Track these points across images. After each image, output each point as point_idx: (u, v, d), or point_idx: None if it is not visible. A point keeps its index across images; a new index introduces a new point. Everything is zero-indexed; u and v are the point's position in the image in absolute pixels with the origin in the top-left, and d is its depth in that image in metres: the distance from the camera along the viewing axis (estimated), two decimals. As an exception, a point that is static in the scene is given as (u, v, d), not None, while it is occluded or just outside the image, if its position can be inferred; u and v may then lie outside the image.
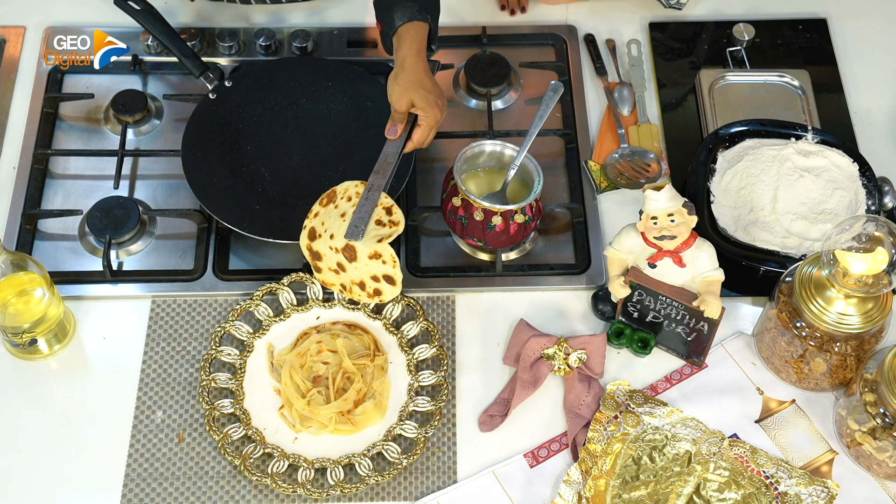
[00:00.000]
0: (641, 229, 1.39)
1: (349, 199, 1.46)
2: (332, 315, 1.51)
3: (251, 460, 1.38)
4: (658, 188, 1.37)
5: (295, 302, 1.51)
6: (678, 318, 1.43)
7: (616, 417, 1.41)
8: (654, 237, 1.38)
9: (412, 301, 1.50)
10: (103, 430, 1.42)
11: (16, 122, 1.70)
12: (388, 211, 1.44)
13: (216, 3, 1.82)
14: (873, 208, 1.55)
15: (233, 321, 1.49)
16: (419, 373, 1.45)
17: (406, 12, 1.48)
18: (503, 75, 1.75)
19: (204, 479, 1.39)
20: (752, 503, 1.35)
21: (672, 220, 1.36)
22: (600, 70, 1.78)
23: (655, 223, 1.37)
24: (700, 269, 1.40)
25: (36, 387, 1.46)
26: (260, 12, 1.82)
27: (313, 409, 1.40)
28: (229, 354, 1.47)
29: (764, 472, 1.38)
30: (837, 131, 1.67)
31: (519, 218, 1.48)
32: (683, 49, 1.82)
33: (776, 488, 1.36)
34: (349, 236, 1.42)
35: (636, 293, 1.44)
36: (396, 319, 1.50)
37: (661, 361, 1.49)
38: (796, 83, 1.75)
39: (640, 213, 1.39)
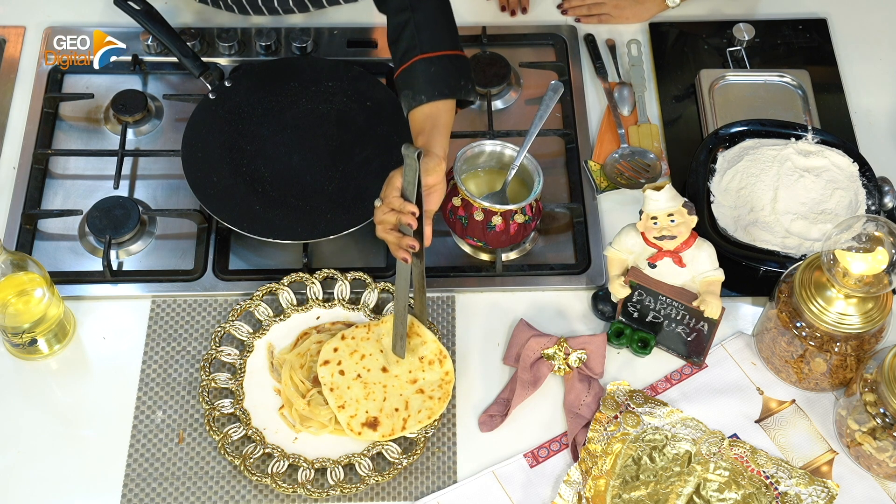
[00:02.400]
0: (641, 229, 1.39)
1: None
2: (332, 315, 1.51)
3: (251, 460, 1.38)
4: (658, 188, 1.37)
5: (295, 302, 1.51)
6: (678, 318, 1.43)
7: (616, 417, 1.41)
8: (654, 237, 1.38)
9: (412, 301, 1.50)
10: (103, 430, 1.42)
11: (16, 122, 1.70)
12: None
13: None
14: (873, 208, 1.55)
15: (233, 321, 1.49)
16: (419, 373, 1.46)
17: (404, 103, 1.46)
18: (503, 75, 1.75)
19: (204, 479, 1.39)
20: (752, 503, 1.35)
21: (672, 220, 1.36)
22: (600, 70, 1.78)
23: (655, 223, 1.37)
24: (700, 269, 1.40)
25: (36, 387, 1.46)
26: (259, 20, 1.82)
27: (313, 408, 1.40)
28: (229, 354, 1.47)
29: (764, 472, 1.38)
30: (837, 131, 1.67)
31: (519, 218, 1.48)
32: (683, 49, 1.82)
33: (776, 488, 1.36)
34: (396, 352, 1.43)
35: (636, 293, 1.44)
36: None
37: (661, 361, 1.49)
38: (796, 83, 1.75)
39: (640, 213, 1.39)
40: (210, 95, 1.66)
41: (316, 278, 1.51)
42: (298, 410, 1.40)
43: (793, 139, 1.62)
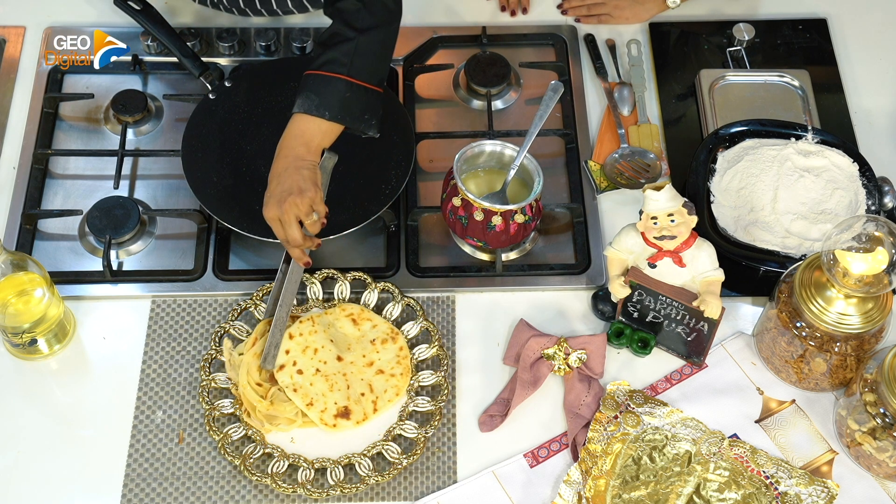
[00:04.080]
0: (641, 229, 1.39)
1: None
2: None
3: (251, 460, 1.38)
4: (658, 188, 1.37)
5: (295, 302, 1.51)
6: (678, 318, 1.43)
7: (616, 417, 1.41)
8: (654, 237, 1.38)
9: (412, 301, 1.51)
10: (103, 430, 1.42)
11: (16, 122, 1.70)
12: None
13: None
14: (873, 208, 1.55)
15: (233, 321, 1.49)
16: (419, 373, 1.45)
17: (302, 103, 1.43)
18: (503, 75, 1.75)
19: (204, 479, 1.39)
20: (752, 503, 1.35)
21: (672, 220, 1.36)
22: (600, 70, 1.77)
23: (655, 223, 1.37)
24: (700, 269, 1.40)
25: (36, 387, 1.46)
26: (259, 20, 1.82)
27: (277, 406, 1.40)
28: (229, 354, 1.47)
29: (764, 472, 1.38)
30: (837, 131, 1.67)
31: (519, 218, 1.48)
32: (683, 49, 1.82)
33: (776, 488, 1.36)
34: (265, 364, 1.42)
35: (636, 293, 1.44)
36: (396, 319, 1.50)
37: (661, 361, 1.49)
38: (796, 83, 1.75)
39: (640, 213, 1.39)
40: (210, 95, 1.66)
41: (316, 278, 1.51)
42: (262, 412, 1.40)
43: (793, 139, 1.62)
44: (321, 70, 1.44)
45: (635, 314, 1.47)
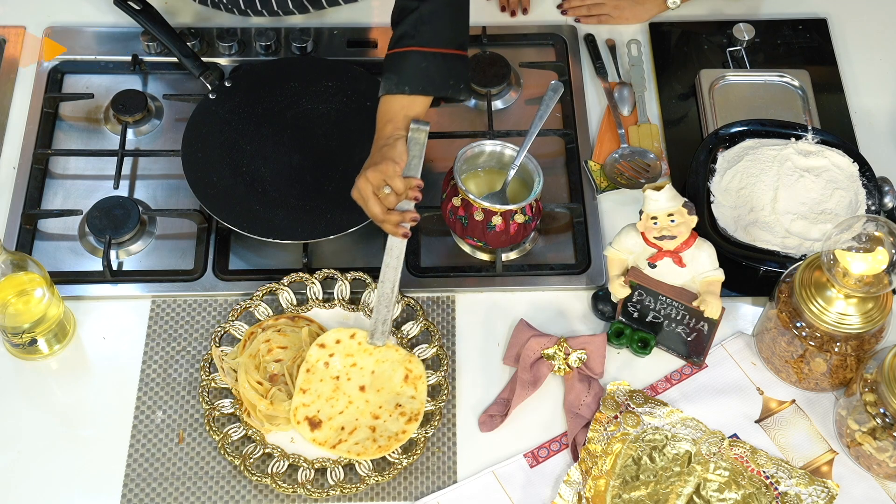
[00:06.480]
0: (641, 229, 1.39)
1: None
2: (331, 315, 1.50)
3: (251, 460, 1.38)
4: (658, 188, 1.37)
5: (295, 302, 1.51)
6: (678, 318, 1.43)
7: (616, 417, 1.41)
8: (654, 237, 1.38)
9: (412, 301, 1.50)
10: (103, 430, 1.42)
11: (16, 122, 1.70)
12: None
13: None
14: (873, 208, 1.55)
15: (233, 321, 1.49)
16: (419, 373, 1.46)
17: (384, 85, 1.47)
18: (503, 75, 1.75)
19: (204, 479, 1.39)
20: (752, 503, 1.35)
21: (672, 220, 1.36)
22: (600, 70, 1.77)
23: (655, 223, 1.37)
24: (700, 269, 1.40)
25: (36, 387, 1.46)
26: (259, 20, 1.82)
27: (277, 406, 1.40)
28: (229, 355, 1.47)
29: (764, 472, 1.38)
30: (837, 131, 1.67)
31: (519, 218, 1.48)
32: (683, 49, 1.82)
33: (776, 488, 1.36)
34: (373, 340, 1.43)
35: (636, 293, 1.44)
36: (396, 319, 1.50)
37: (661, 361, 1.49)
38: (796, 83, 1.75)
39: (640, 213, 1.39)
40: (210, 95, 1.66)
41: (316, 278, 1.51)
42: (262, 412, 1.40)
43: (793, 139, 1.62)
44: (395, 48, 1.46)
45: (635, 314, 1.47)
